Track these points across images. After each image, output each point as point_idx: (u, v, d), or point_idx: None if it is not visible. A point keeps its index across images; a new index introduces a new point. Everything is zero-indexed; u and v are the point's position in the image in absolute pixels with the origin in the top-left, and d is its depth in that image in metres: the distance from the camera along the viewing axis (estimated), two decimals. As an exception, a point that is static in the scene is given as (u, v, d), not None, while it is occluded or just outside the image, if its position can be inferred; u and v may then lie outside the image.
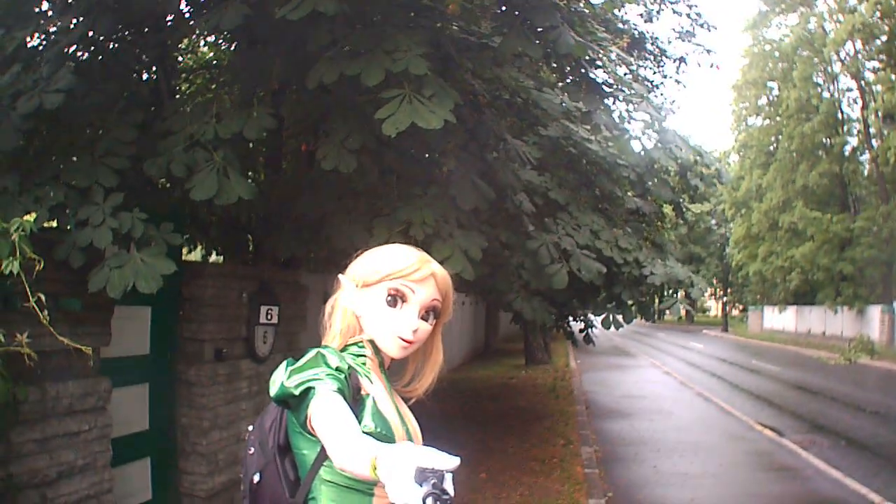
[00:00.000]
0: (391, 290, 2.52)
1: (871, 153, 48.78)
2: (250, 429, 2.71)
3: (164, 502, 8.04)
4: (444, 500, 1.70)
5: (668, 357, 38.36)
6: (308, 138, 9.63)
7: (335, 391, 2.23)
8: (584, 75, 9.13)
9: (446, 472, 1.75)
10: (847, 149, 52.07)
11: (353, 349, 2.60)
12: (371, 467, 1.86)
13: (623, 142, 9.17)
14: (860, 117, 50.13)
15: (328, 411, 2.16)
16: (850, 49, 48.50)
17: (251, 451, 2.64)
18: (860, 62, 48.13)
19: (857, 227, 47.04)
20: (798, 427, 16.82)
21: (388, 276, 2.53)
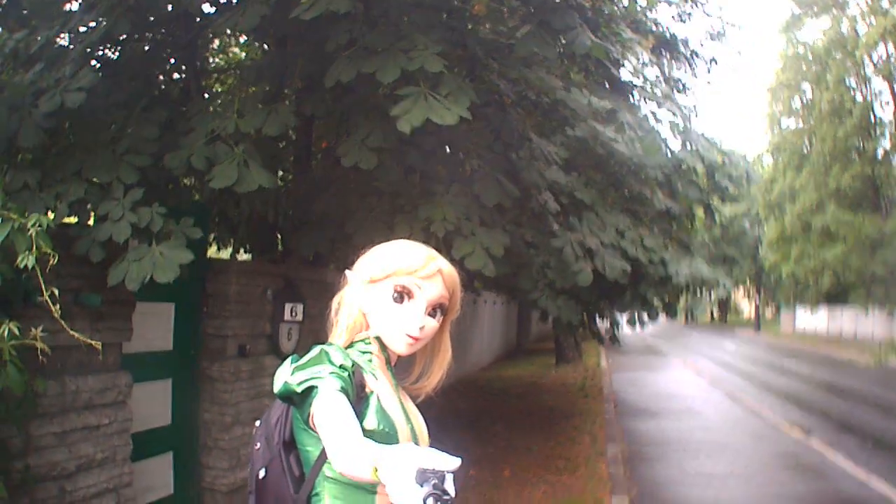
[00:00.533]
0: (398, 287, 2.51)
1: (903, 155, 48.50)
2: (257, 424, 2.73)
3: (186, 497, 8.08)
4: (445, 500, 1.71)
5: (700, 357, 38.14)
6: (331, 136, 9.68)
7: (338, 390, 2.23)
8: (608, 75, 9.11)
9: (447, 472, 1.76)
10: (879, 151, 51.73)
11: (360, 346, 2.60)
12: (372, 469, 1.86)
13: (648, 142, 9.13)
14: (893, 119, 49.82)
15: (330, 413, 2.16)
16: (883, 52, 48.23)
17: (257, 446, 2.66)
18: (892, 65, 47.80)
19: (889, 228, 46.63)
20: (825, 427, 16.68)
21: (394, 272, 2.52)
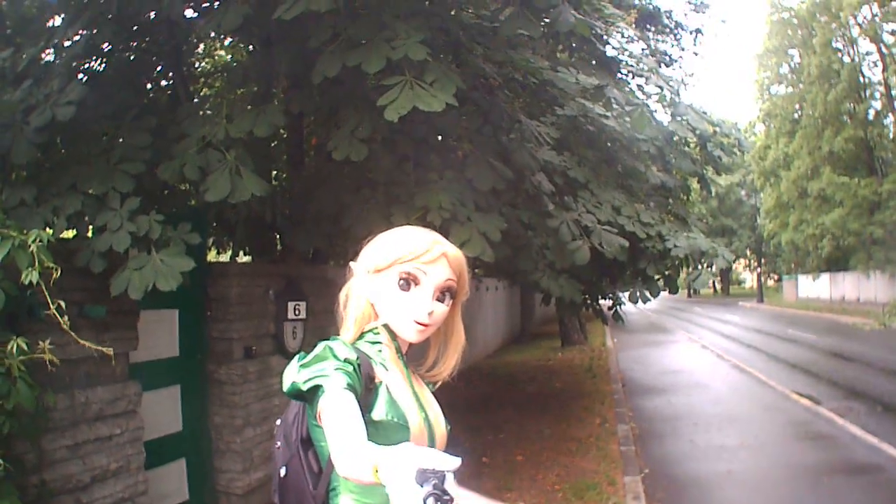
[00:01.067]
0: (403, 274, 2.50)
1: (894, 116, 48.43)
2: (278, 423, 2.73)
3: (201, 502, 8.12)
4: (445, 500, 1.70)
5: (705, 331, 38.15)
6: (321, 132, 9.69)
7: (345, 387, 2.22)
8: (593, 51, 9.12)
9: (447, 472, 1.76)
10: (871, 113, 51.70)
11: (369, 336, 2.59)
12: (373, 471, 1.85)
13: (638, 115, 9.11)
14: (882, 80, 49.81)
15: (333, 414, 2.16)
16: (868, 12, 48.19)
17: (278, 444, 2.65)
18: (878, 24, 47.80)
19: (885, 190, 46.64)
20: (834, 395, 16.69)
21: (398, 260, 2.50)
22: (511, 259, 9.31)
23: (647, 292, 11.94)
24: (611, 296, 15.28)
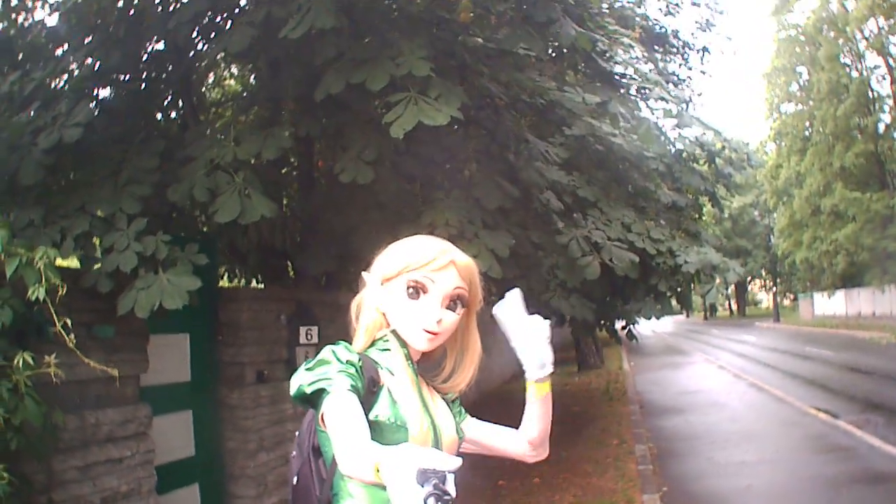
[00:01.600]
0: (410, 283, 2.49)
1: (905, 128, 48.47)
2: (297, 434, 2.73)
3: (216, 527, 8.11)
4: (446, 500, 1.69)
5: (722, 351, 38.02)
6: (328, 155, 9.73)
7: (348, 389, 2.23)
8: (597, 68, 9.14)
9: (448, 472, 1.75)
10: (881, 126, 51.66)
11: (379, 344, 2.60)
12: (374, 470, 1.85)
13: (644, 130, 9.13)
14: (891, 93, 49.80)
15: (337, 414, 2.16)
16: (874, 26, 48.23)
17: (294, 454, 2.67)
18: (884, 37, 47.84)
19: (897, 203, 46.58)
20: (852, 408, 16.58)
21: (405, 268, 2.50)
22: (521, 279, 9.30)
23: (660, 309, 11.92)
24: (624, 316, 15.25)
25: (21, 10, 8.08)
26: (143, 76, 8.46)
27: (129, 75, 8.13)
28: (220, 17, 8.08)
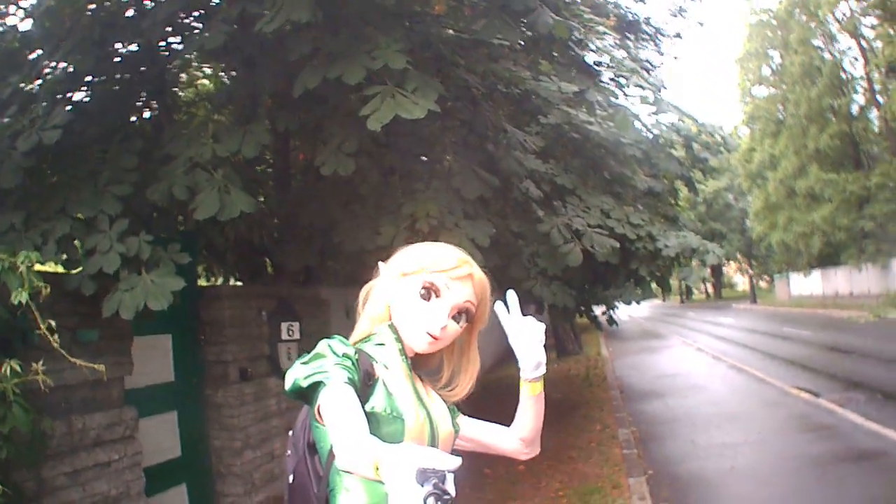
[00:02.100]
0: (426, 283, 2.50)
1: (878, 109, 48.57)
2: (290, 433, 2.72)
3: (205, 526, 8.09)
4: (446, 500, 1.70)
5: (699, 334, 37.97)
6: (307, 150, 9.71)
7: (345, 381, 2.22)
8: (573, 57, 9.14)
9: (448, 472, 1.75)
10: (854, 108, 51.78)
11: (373, 338, 2.60)
12: (374, 468, 1.85)
13: (621, 117, 9.13)
14: (864, 75, 49.99)
15: (335, 407, 2.15)
16: (846, 8, 48.40)
17: (289, 452, 2.65)
18: (856, 19, 47.98)
19: (873, 183, 46.66)
20: (833, 387, 16.64)
21: (426, 268, 2.51)
22: (502, 269, 9.30)
23: (640, 293, 11.94)
24: (604, 301, 15.27)
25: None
26: (118, 78, 8.41)
27: (103, 77, 8.07)
28: (193, 15, 8.05)
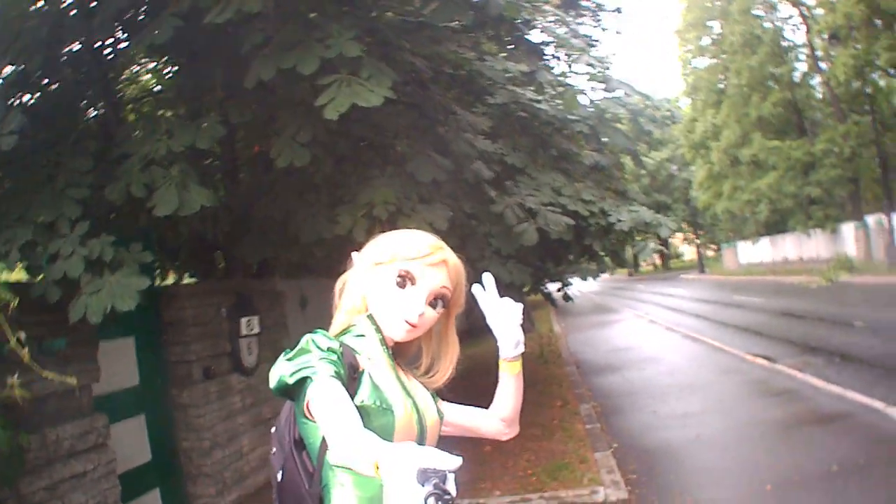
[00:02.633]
0: (401, 272, 2.50)
1: (821, 76, 49.02)
2: (273, 430, 2.72)
3: (180, 529, 8.07)
4: (446, 500, 1.70)
5: (650, 306, 38.27)
6: (261, 141, 9.66)
7: (332, 375, 2.22)
8: (521, 38, 9.18)
9: (448, 472, 1.74)
10: (797, 75, 52.24)
11: (353, 330, 2.60)
12: (374, 467, 1.84)
13: (569, 96, 9.17)
14: (806, 42, 50.42)
15: (325, 400, 2.15)
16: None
17: (273, 450, 2.63)
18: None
19: (817, 150, 47.05)
20: (790, 352, 16.81)
21: (400, 256, 2.52)
22: (458, 249, 9.32)
23: (595, 268, 12.01)
24: (558, 278, 15.31)
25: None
26: (64, 79, 8.34)
27: (51, 79, 8.00)
28: (141, 11, 7.97)
